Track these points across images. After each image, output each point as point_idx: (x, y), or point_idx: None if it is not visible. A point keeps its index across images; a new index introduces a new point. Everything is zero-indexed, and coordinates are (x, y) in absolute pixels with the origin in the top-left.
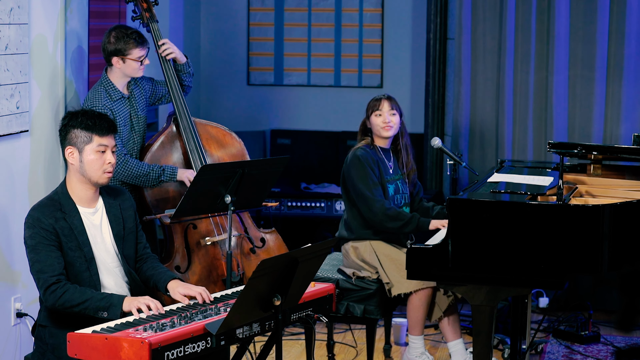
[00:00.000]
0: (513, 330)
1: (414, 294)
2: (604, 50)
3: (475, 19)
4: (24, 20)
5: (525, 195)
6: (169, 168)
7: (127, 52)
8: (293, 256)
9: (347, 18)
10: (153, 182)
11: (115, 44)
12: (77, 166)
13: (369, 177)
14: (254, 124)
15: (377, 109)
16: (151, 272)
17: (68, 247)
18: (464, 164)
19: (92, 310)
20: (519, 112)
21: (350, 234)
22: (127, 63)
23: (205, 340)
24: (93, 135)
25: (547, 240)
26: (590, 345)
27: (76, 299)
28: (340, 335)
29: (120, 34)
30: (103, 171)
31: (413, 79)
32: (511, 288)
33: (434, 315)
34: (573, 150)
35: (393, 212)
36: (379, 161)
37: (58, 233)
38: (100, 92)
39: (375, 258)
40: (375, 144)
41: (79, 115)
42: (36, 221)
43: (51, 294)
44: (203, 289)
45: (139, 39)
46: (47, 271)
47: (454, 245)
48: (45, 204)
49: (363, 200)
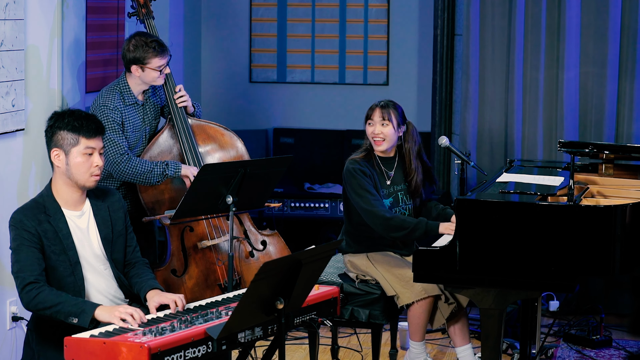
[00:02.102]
0: (522, 335)
1: (416, 302)
2: (616, 47)
3: (483, 15)
4: (20, 16)
5: (535, 195)
6: (173, 163)
7: (147, 61)
8: (296, 258)
9: (352, 13)
10: (158, 178)
11: (134, 52)
12: (63, 169)
13: (365, 188)
14: (256, 123)
15: (369, 118)
16: (136, 280)
17: (51, 251)
18: (472, 164)
19: (63, 315)
20: (529, 110)
21: (347, 247)
22: (146, 72)
23: (206, 344)
24: (80, 137)
25: (557, 242)
26: (602, 349)
27: (49, 302)
28: (345, 340)
29: (139, 42)
30: (90, 174)
31: (420, 76)
32: (520, 291)
33: (436, 322)
34: (584, 149)
35: (396, 221)
36: (372, 175)
37: (40, 236)
38: (115, 93)
39: (373, 270)
40: (375, 153)
41: (65, 115)
42: (19, 223)
43: (26, 293)
44: (179, 296)
45: (159, 47)
46: (25, 270)
47: (462, 247)
48: (28, 206)
49: (364, 214)
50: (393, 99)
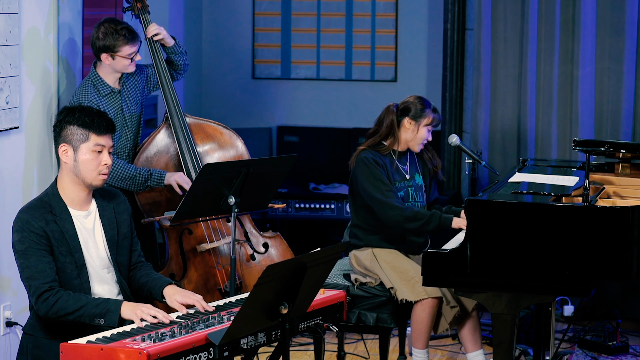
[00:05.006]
0: (536, 341)
1: (418, 304)
2: (633, 42)
3: (495, 8)
4: (14, 10)
5: (549, 196)
6: (157, 172)
7: (117, 49)
8: (301, 261)
9: (359, 7)
10: (139, 187)
11: (103, 40)
12: (70, 165)
13: (379, 178)
14: (260, 120)
15: (430, 124)
16: (145, 279)
17: (59, 252)
18: (484, 163)
19: (87, 318)
20: (542, 107)
21: (357, 240)
22: (116, 60)
23: (208, 351)
24: (90, 133)
25: (572, 245)
26: (618, 356)
27: (70, 307)
28: (352, 346)
29: (109, 29)
30: (98, 172)
31: (429, 72)
32: (534, 295)
33: (440, 327)
34: (600, 148)
35: (410, 212)
36: (384, 166)
37: (49, 237)
38: (88, 87)
39: (376, 265)
40: (394, 148)
41: (76, 111)
42: (25, 224)
43: (43, 302)
44: (201, 297)
45: (129, 34)
46: (38, 278)
47: (473, 249)
48: (34, 205)
49: (376, 204)
50: (401, 96)
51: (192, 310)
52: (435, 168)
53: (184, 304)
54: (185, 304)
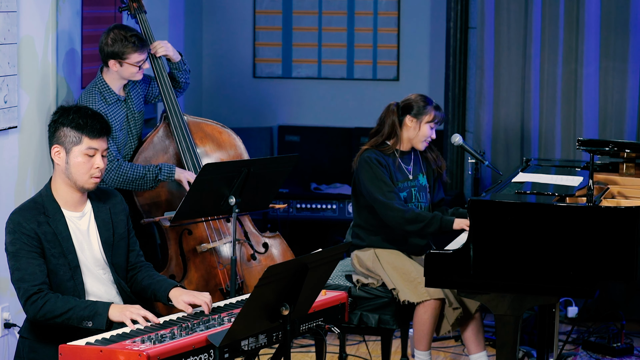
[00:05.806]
0: (540, 342)
1: (420, 305)
2: (637, 40)
3: (499, 6)
4: (13, 8)
5: (552, 196)
6: (166, 166)
7: (125, 56)
8: (302, 262)
9: (361, 5)
10: (151, 184)
11: (112, 46)
12: (62, 167)
13: (381, 179)
14: (261, 120)
15: (432, 121)
16: (148, 282)
17: (51, 254)
18: (487, 163)
19: (76, 321)
20: (546, 107)
21: (359, 241)
22: (124, 67)
23: (208, 352)
24: (83, 136)
25: (576, 245)
26: (622, 358)
27: (58, 309)
28: (354, 348)
29: (118, 35)
30: (90, 176)
31: (432, 71)
32: (537, 296)
33: (442, 329)
34: (604, 147)
35: (411, 214)
36: (387, 166)
37: (40, 239)
38: (95, 94)
39: (379, 266)
40: (397, 147)
41: (70, 111)
42: (17, 226)
43: (32, 304)
44: (209, 297)
45: (139, 42)
46: (27, 280)
47: (476, 250)
48: (27, 207)
49: (378, 205)
50: (404, 95)
51: (197, 310)
52: (440, 169)
53: (191, 304)
54: (193, 304)
